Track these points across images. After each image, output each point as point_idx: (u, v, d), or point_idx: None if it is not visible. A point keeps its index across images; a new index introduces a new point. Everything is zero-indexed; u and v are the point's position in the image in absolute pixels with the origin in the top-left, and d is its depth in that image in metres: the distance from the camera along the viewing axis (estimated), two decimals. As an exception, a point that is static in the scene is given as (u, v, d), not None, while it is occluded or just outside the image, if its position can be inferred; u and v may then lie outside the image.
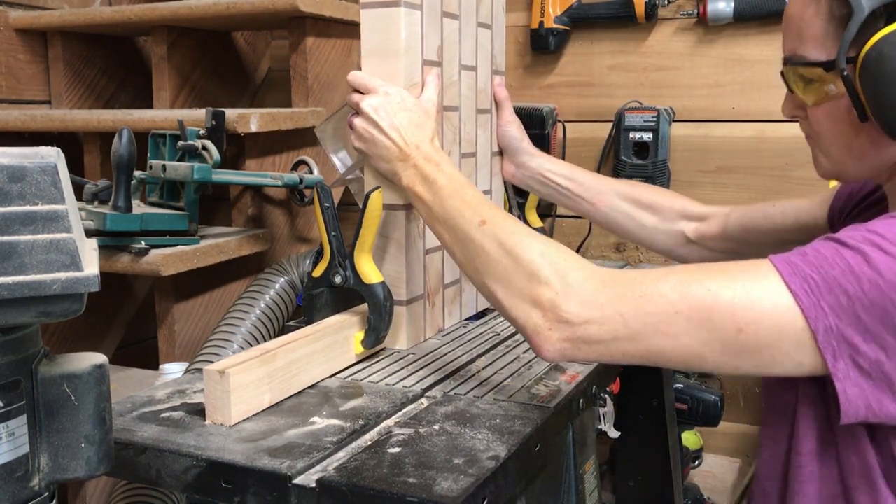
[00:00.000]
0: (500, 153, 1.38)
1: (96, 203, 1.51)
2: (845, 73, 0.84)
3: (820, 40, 0.87)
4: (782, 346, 0.78)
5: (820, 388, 0.86)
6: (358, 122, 1.08)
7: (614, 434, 1.49)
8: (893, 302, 0.75)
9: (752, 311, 0.78)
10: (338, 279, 1.11)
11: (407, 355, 1.15)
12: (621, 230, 1.33)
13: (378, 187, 1.11)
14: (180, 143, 1.53)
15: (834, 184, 1.69)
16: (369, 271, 1.10)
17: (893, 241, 0.77)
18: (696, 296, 0.80)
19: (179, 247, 1.51)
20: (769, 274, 0.79)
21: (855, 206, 1.06)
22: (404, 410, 0.95)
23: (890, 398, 0.77)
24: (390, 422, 0.92)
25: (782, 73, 0.94)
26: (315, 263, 1.14)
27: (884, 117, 0.82)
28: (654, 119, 1.90)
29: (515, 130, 1.35)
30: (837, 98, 0.87)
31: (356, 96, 1.09)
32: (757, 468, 1.01)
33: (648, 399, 1.56)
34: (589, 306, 0.83)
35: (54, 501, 0.64)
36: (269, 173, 1.66)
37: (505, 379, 1.05)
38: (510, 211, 1.60)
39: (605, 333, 0.82)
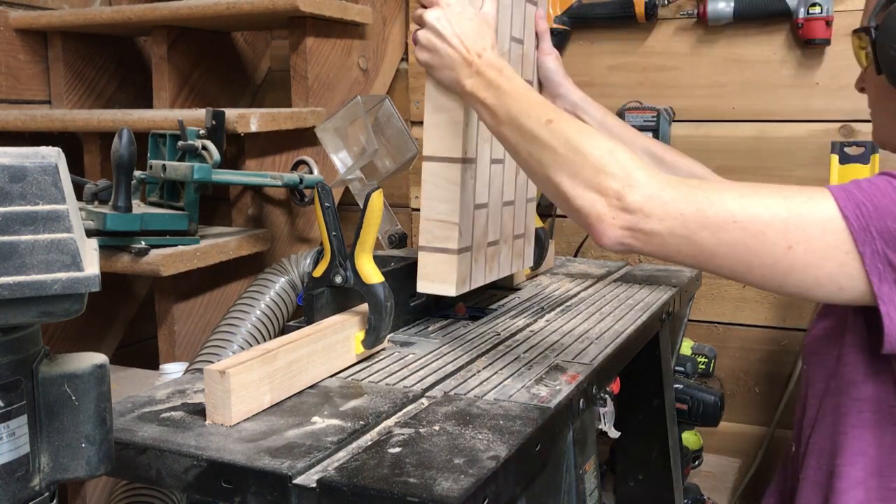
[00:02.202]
0: (541, 87, 1.41)
1: (96, 203, 1.52)
2: (872, 32, 0.95)
3: (872, 11, 0.99)
4: (827, 267, 0.84)
5: (866, 335, 0.93)
6: (421, 34, 1.11)
7: (614, 434, 1.48)
8: None
9: (804, 231, 0.84)
10: (338, 279, 1.11)
11: (407, 355, 1.15)
12: None
13: (378, 187, 1.11)
14: (180, 143, 1.53)
15: (834, 179, 1.69)
16: (370, 271, 1.10)
17: None
18: (754, 209, 0.85)
19: (179, 247, 1.51)
20: (825, 199, 0.85)
21: None
22: (404, 410, 0.95)
23: None
24: (390, 422, 0.92)
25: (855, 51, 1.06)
26: (315, 263, 1.14)
27: (887, 66, 0.94)
28: (654, 119, 1.90)
29: (552, 62, 1.38)
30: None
31: (419, 10, 1.12)
32: (804, 426, 1.07)
33: (648, 399, 1.56)
34: (653, 201, 0.88)
35: (55, 501, 0.64)
36: (269, 173, 1.66)
37: (505, 379, 1.05)
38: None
39: (664, 229, 0.87)
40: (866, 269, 0.82)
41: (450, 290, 1.21)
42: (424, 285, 1.22)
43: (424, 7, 1.12)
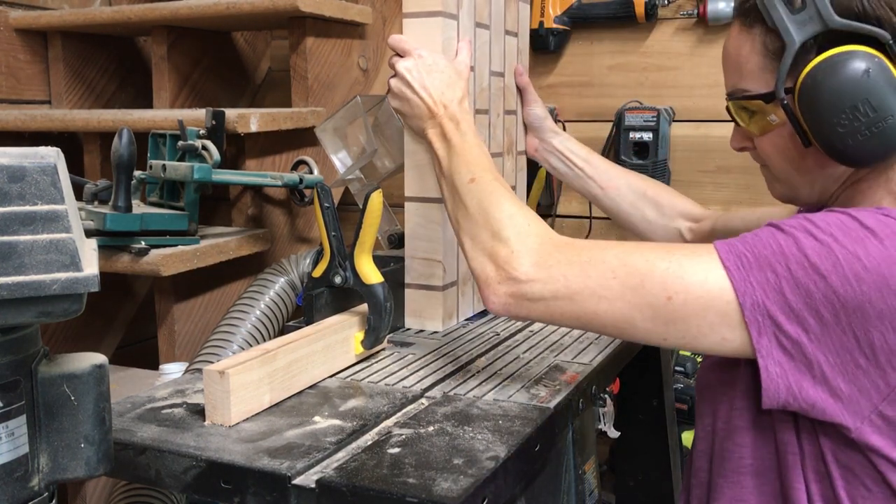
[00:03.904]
0: (526, 131, 1.46)
1: (96, 203, 1.51)
2: (784, 102, 0.88)
3: (758, 73, 0.91)
4: (708, 318, 0.82)
5: (753, 383, 0.88)
6: (393, 82, 1.15)
7: (614, 434, 1.49)
8: (815, 283, 0.78)
9: (683, 280, 0.83)
10: (338, 279, 1.11)
11: (407, 355, 1.15)
12: (624, 219, 1.38)
13: (378, 187, 1.11)
14: (180, 143, 1.53)
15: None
16: (369, 271, 1.10)
17: (825, 230, 0.80)
18: (634, 263, 0.86)
19: (179, 247, 1.51)
20: (707, 252, 0.84)
21: None
22: (404, 410, 0.95)
23: (809, 381, 0.80)
24: (390, 422, 0.92)
25: (727, 108, 0.98)
26: (315, 263, 1.14)
27: (824, 141, 0.85)
28: (654, 119, 1.89)
29: (539, 109, 1.44)
30: (780, 126, 0.91)
31: (394, 58, 1.16)
32: (693, 460, 1.03)
33: (648, 399, 1.56)
34: (537, 267, 0.89)
35: (54, 501, 0.64)
36: (269, 173, 1.66)
37: (505, 379, 1.05)
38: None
39: (546, 292, 0.89)
40: (746, 321, 0.80)
41: (436, 325, 1.25)
42: (412, 321, 1.27)
43: (399, 55, 1.16)
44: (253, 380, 0.92)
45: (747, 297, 0.80)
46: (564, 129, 2.00)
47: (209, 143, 1.51)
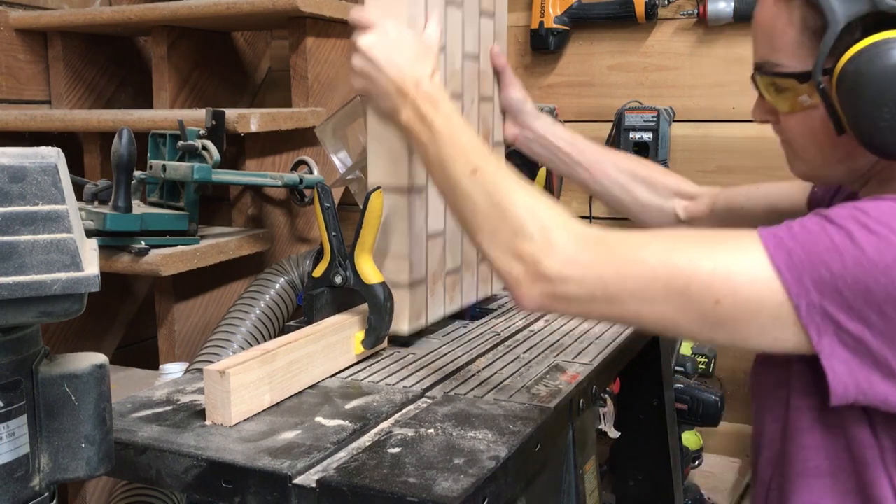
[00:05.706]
0: (504, 118, 1.35)
1: (96, 203, 1.52)
2: (822, 86, 0.83)
3: (793, 49, 0.86)
4: (759, 320, 0.78)
5: (812, 379, 0.85)
6: (355, 60, 1.04)
7: (614, 434, 1.49)
8: (876, 279, 0.74)
9: (731, 282, 0.78)
10: (338, 279, 1.11)
11: (407, 355, 1.15)
12: (616, 202, 1.31)
13: (378, 188, 1.11)
14: (180, 143, 1.53)
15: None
16: (369, 271, 1.10)
17: (879, 220, 0.76)
18: (677, 264, 0.80)
19: (179, 247, 1.51)
20: (753, 246, 0.79)
21: (835, 195, 1.05)
22: (404, 410, 0.95)
23: (878, 376, 0.77)
24: (390, 422, 0.92)
25: (753, 79, 0.94)
26: (315, 263, 1.15)
27: (861, 131, 0.81)
28: (654, 119, 1.90)
29: (517, 93, 1.32)
30: (812, 108, 0.87)
31: (355, 34, 1.05)
32: (758, 470, 0.99)
33: (648, 399, 1.56)
34: (570, 265, 0.84)
35: (54, 501, 0.64)
36: (269, 173, 1.66)
37: (505, 379, 1.05)
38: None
39: (583, 293, 0.83)
40: (803, 322, 0.76)
41: (402, 326, 1.16)
42: None
43: (361, 31, 1.05)
44: (253, 380, 0.92)
45: (802, 298, 0.76)
46: (564, 129, 2.01)
47: (209, 143, 1.51)
